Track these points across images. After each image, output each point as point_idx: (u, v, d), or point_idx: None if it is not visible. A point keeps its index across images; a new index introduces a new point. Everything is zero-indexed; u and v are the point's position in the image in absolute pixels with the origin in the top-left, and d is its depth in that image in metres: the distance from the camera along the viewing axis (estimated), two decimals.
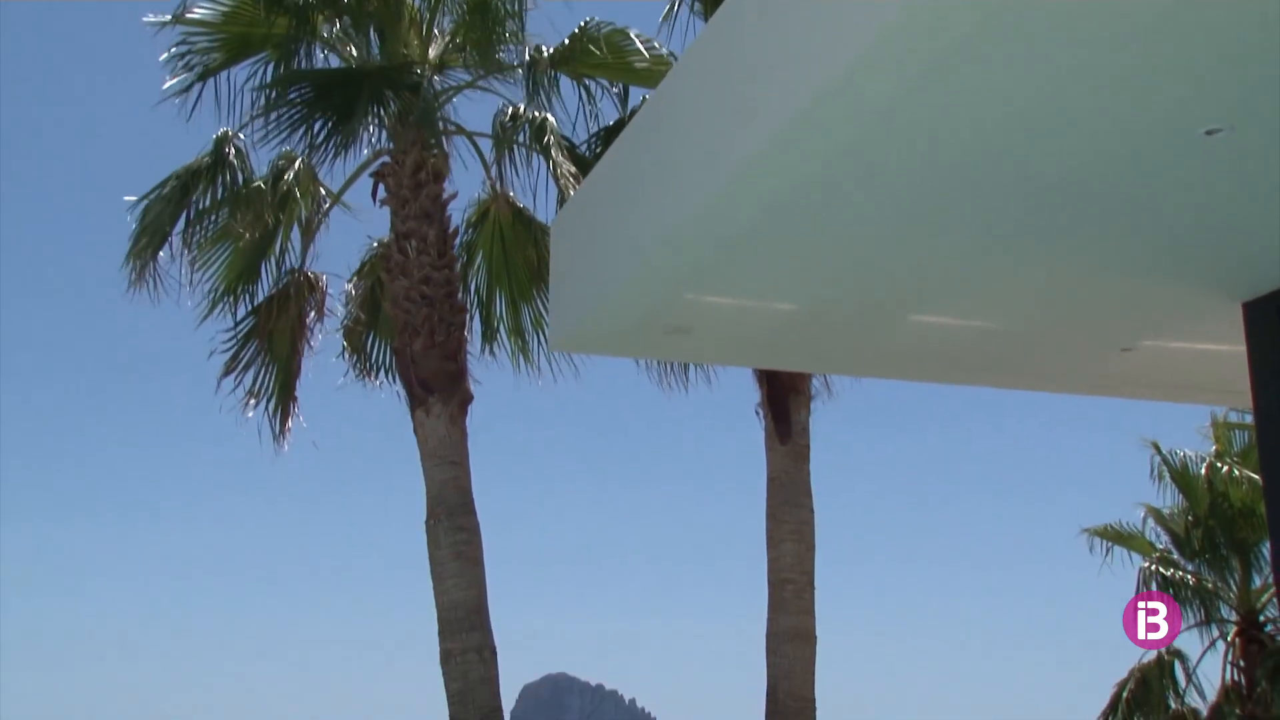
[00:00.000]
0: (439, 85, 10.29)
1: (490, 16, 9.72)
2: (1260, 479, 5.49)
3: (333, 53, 10.31)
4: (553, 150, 9.94)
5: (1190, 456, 13.82)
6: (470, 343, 10.42)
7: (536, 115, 10.16)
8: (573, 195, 7.73)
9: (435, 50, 10.32)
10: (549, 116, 10.12)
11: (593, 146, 10.44)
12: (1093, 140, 3.96)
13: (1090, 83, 3.60)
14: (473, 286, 11.11)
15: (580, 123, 10.41)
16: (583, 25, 10.14)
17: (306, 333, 10.86)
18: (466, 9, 10.07)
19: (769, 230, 4.75)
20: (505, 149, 10.27)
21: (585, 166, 9.83)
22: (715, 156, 4.47)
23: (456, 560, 9.48)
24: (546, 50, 10.07)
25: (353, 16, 10.15)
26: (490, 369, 11.11)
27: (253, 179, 10.40)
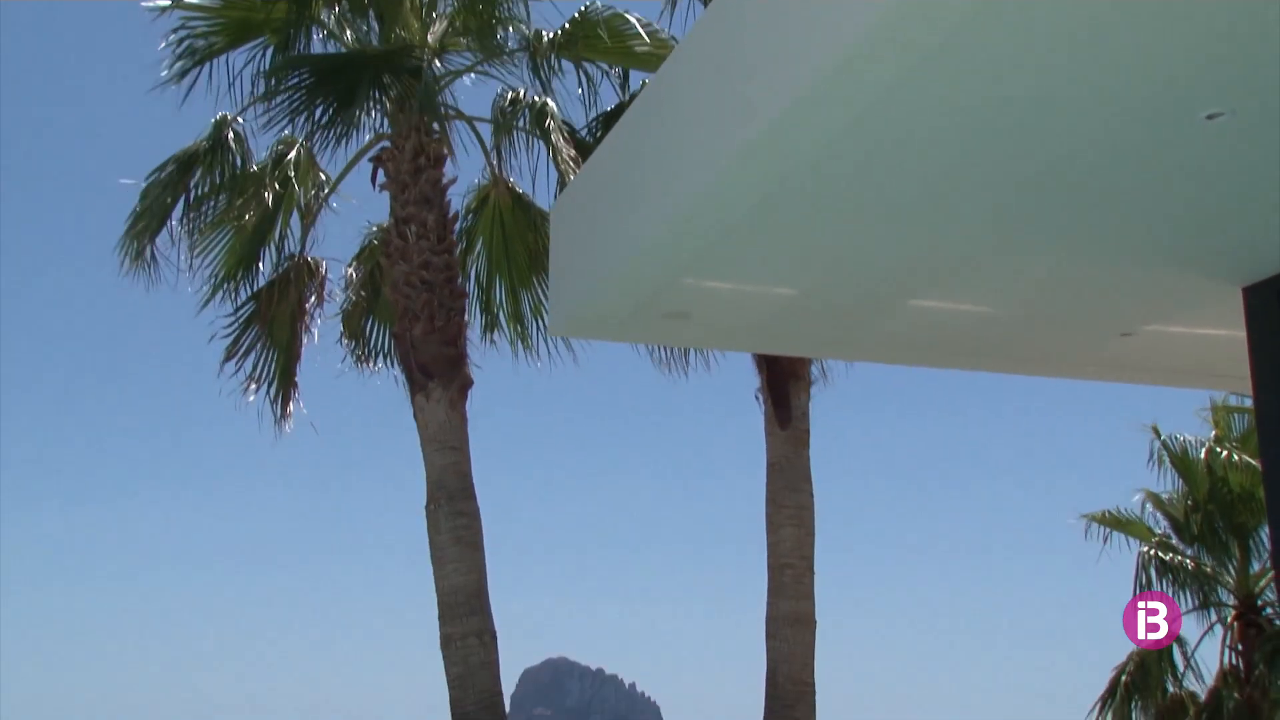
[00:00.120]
0: (439, 69, 10.27)
1: (490, 0, 9.70)
2: (1259, 464, 5.50)
3: (332, 37, 10.29)
4: (553, 135, 9.92)
5: (1190, 441, 13.83)
6: (470, 328, 10.43)
7: (537, 100, 10.14)
8: (573, 180, 7.71)
9: (435, 34, 10.29)
10: (549, 101, 10.10)
11: (593, 131, 10.42)
12: (1093, 125, 3.95)
13: (1090, 67, 3.59)
14: (473, 273, 11.11)
15: (581, 107, 10.40)
16: (583, 9, 10.11)
17: (306, 318, 10.86)
18: None
19: (768, 215, 4.75)
20: (505, 134, 10.25)
21: (586, 151, 9.82)
22: (715, 141, 4.47)
23: (456, 545, 9.50)
24: (547, 35, 10.05)
25: (351, 0, 10.13)
26: (490, 354, 11.12)
27: (251, 163, 10.40)
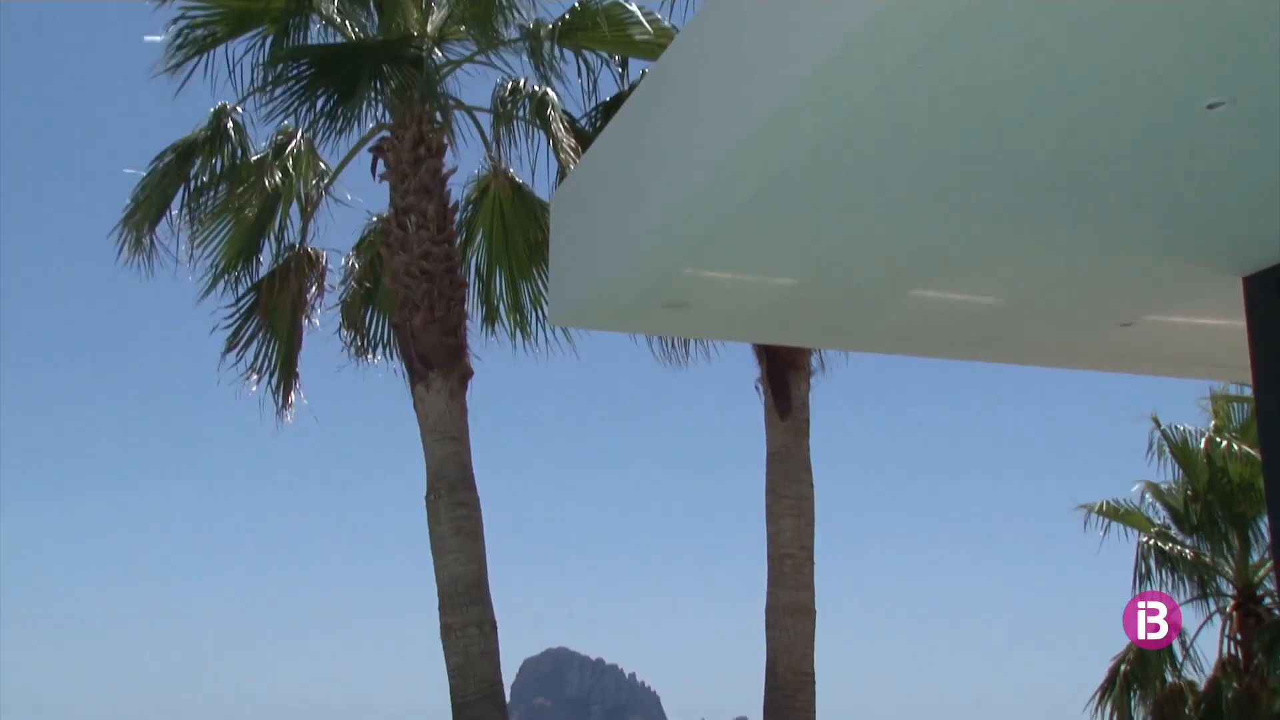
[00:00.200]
0: (439, 59, 10.24)
1: None
2: (1259, 453, 5.50)
3: (331, 26, 10.27)
4: (554, 125, 9.90)
5: (1190, 431, 13.84)
6: (470, 319, 10.42)
7: (537, 90, 10.12)
8: (573, 170, 7.71)
9: (434, 23, 10.27)
10: (549, 91, 10.08)
11: (593, 121, 10.40)
12: (1094, 115, 3.95)
13: (1091, 57, 3.59)
14: (473, 264, 11.10)
15: (581, 97, 10.37)
16: None
17: (307, 308, 10.85)
18: None
19: (768, 205, 4.75)
20: (505, 124, 10.23)
21: (586, 141, 9.80)
22: (715, 131, 4.47)
23: (457, 535, 9.51)
24: (547, 23, 10.02)
25: None
26: (490, 345, 11.12)
27: (251, 153, 10.38)
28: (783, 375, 10.28)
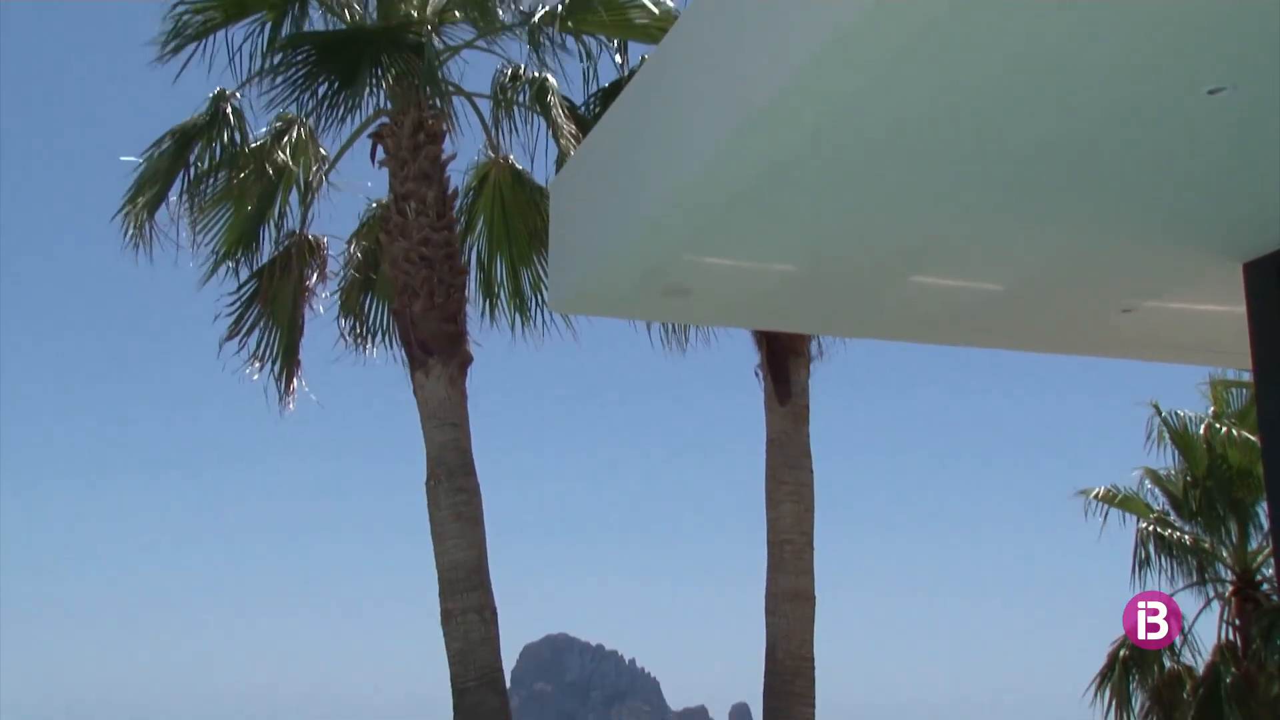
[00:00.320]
0: (438, 45, 10.22)
1: None
2: (1258, 440, 5.50)
3: (329, 12, 10.24)
4: (554, 111, 9.88)
5: (1190, 417, 13.84)
6: (471, 305, 10.42)
7: (537, 75, 10.09)
8: (572, 155, 7.69)
9: (433, 8, 10.24)
10: (549, 76, 10.06)
11: (592, 106, 10.38)
12: (1094, 100, 3.94)
13: (1092, 42, 3.58)
14: (473, 251, 11.09)
15: (580, 82, 10.35)
16: None
17: (309, 295, 10.85)
18: None
19: (769, 191, 4.74)
20: (505, 110, 10.21)
21: (586, 127, 9.78)
22: (715, 116, 4.46)
23: (457, 521, 9.52)
24: (546, 7, 9.98)
25: None
26: (490, 331, 11.12)
27: (250, 139, 10.36)
28: (782, 361, 10.28)
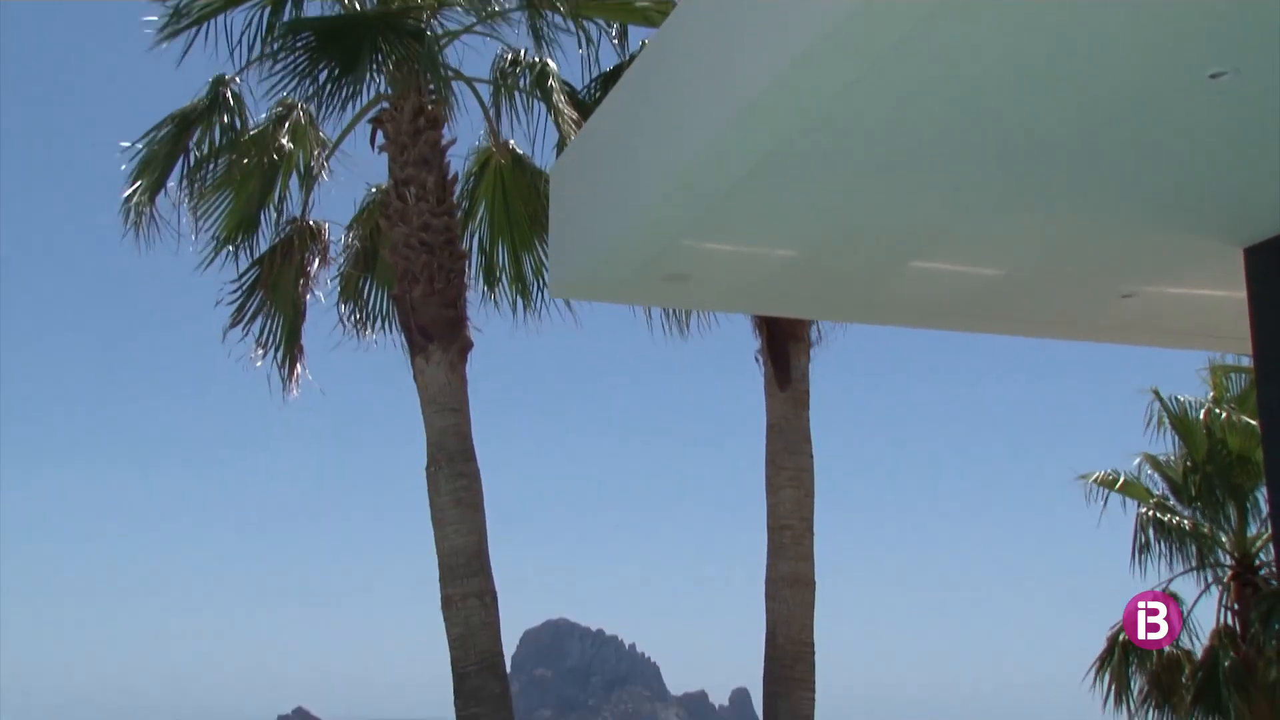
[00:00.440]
0: (437, 30, 10.17)
1: None
2: (1258, 424, 5.51)
3: None
4: (554, 96, 9.85)
5: (1190, 402, 13.84)
6: (472, 291, 10.40)
7: (537, 60, 10.06)
8: (572, 141, 7.68)
9: None
10: (549, 61, 10.02)
11: (592, 91, 10.35)
12: (1096, 84, 3.94)
13: (1095, 26, 3.57)
14: (475, 237, 11.07)
15: (581, 67, 10.32)
16: None
17: (310, 281, 10.83)
18: None
19: (768, 176, 4.74)
20: (506, 95, 10.18)
21: (587, 112, 9.75)
22: (715, 101, 4.45)
23: (457, 506, 9.52)
24: None
25: None
26: (490, 317, 11.10)
27: (249, 124, 10.33)
28: (783, 347, 10.27)
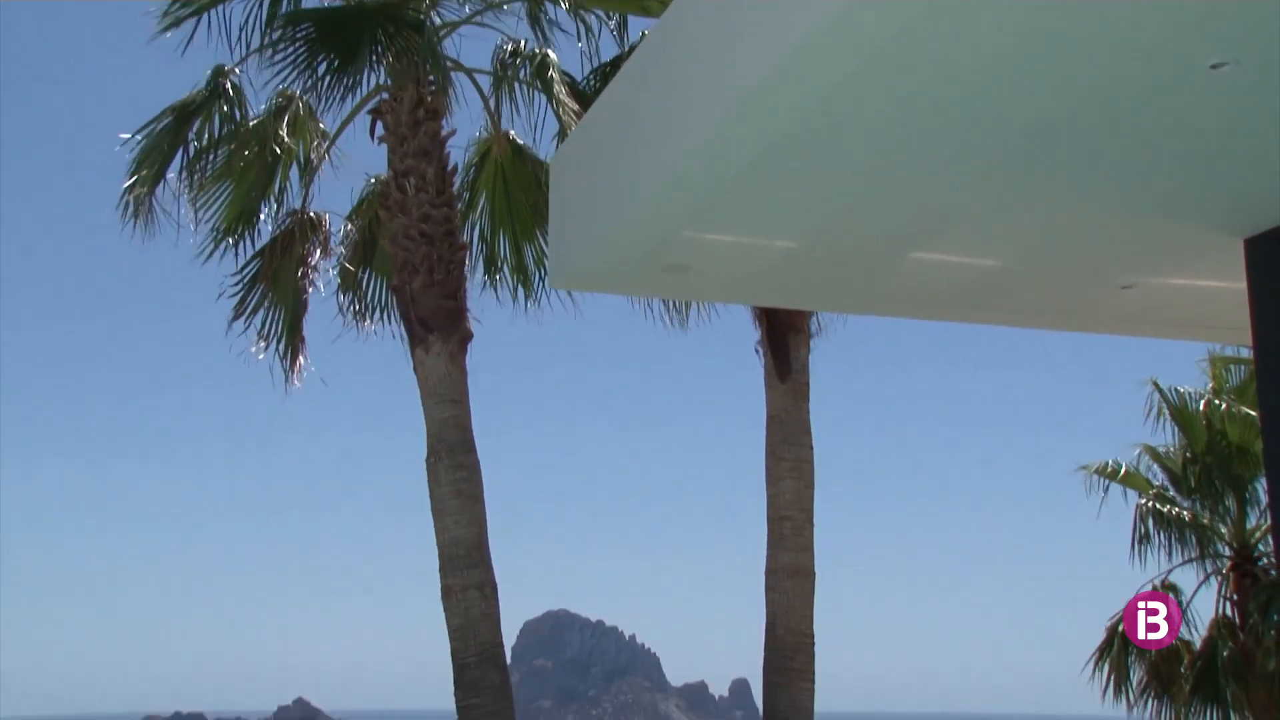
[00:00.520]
0: (437, 20, 10.16)
1: None
2: (1258, 415, 5.52)
3: None
4: (555, 86, 9.83)
5: (1189, 393, 13.85)
6: (473, 282, 10.40)
7: (537, 51, 10.04)
8: (572, 132, 7.68)
9: None
10: (549, 53, 10.01)
11: (592, 82, 10.34)
12: (1097, 75, 3.93)
13: (1095, 17, 3.57)
14: (476, 227, 11.06)
15: (580, 58, 10.31)
16: None
17: (311, 273, 10.82)
18: None
19: (768, 167, 4.73)
20: (506, 86, 10.16)
21: (587, 103, 9.74)
22: (715, 92, 4.45)
23: (457, 498, 9.52)
24: None
25: None
26: (490, 307, 11.10)
27: (249, 116, 10.32)
28: (782, 338, 10.27)
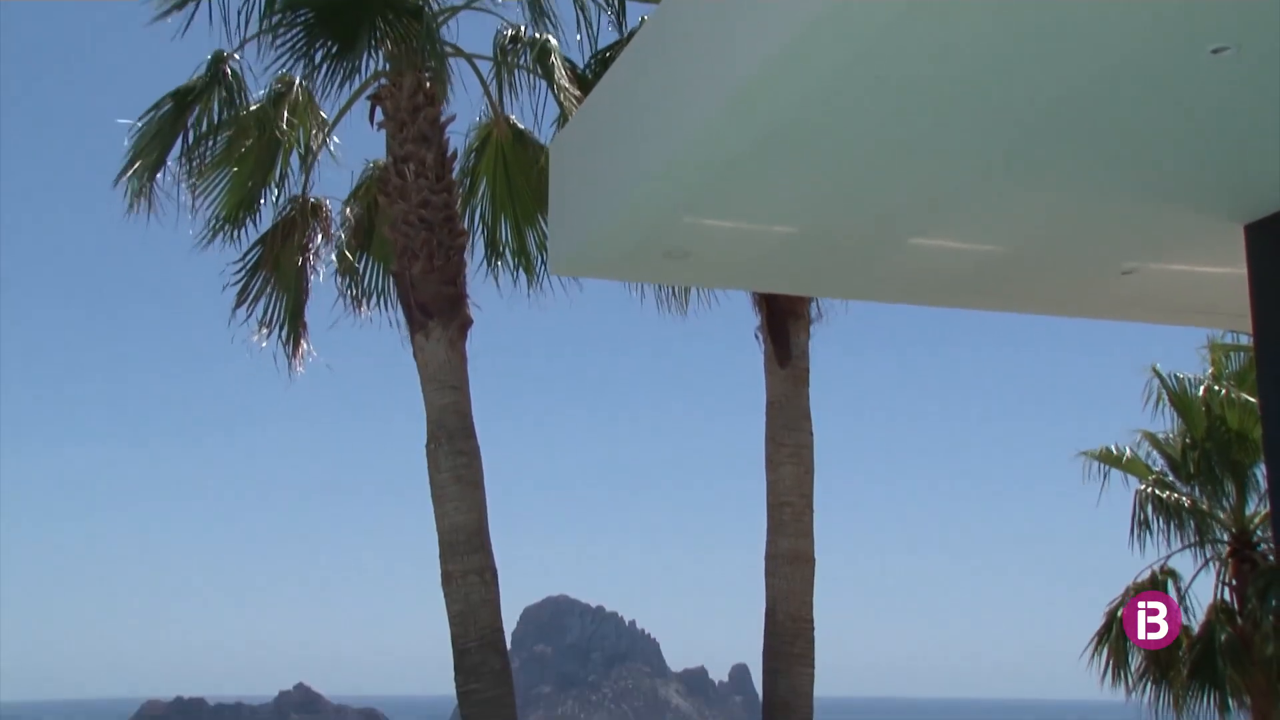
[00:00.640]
0: (436, 6, 10.14)
1: None
2: (1257, 402, 5.52)
3: None
4: (556, 72, 9.81)
5: (1189, 379, 13.85)
6: (473, 267, 10.40)
7: (539, 36, 10.02)
8: (571, 118, 7.66)
9: None
10: (550, 38, 9.99)
11: (593, 68, 10.32)
12: (1097, 59, 3.93)
13: (1096, 2, 3.56)
14: (477, 212, 11.05)
15: (581, 43, 10.29)
16: None
17: (313, 259, 10.82)
18: None
19: (768, 153, 4.73)
20: (507, 72, 10.15)
21: (588, 88, 9.73)
22: (714, 78, 4.44)
23: (457, 484, 9.53)
24: None
25: None
26: (490, 293, 11.09)
27: (249, 102, 10.30)
28: (782, 324, 10.27)
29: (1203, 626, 13.02)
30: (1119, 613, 13.37)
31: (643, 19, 9.64)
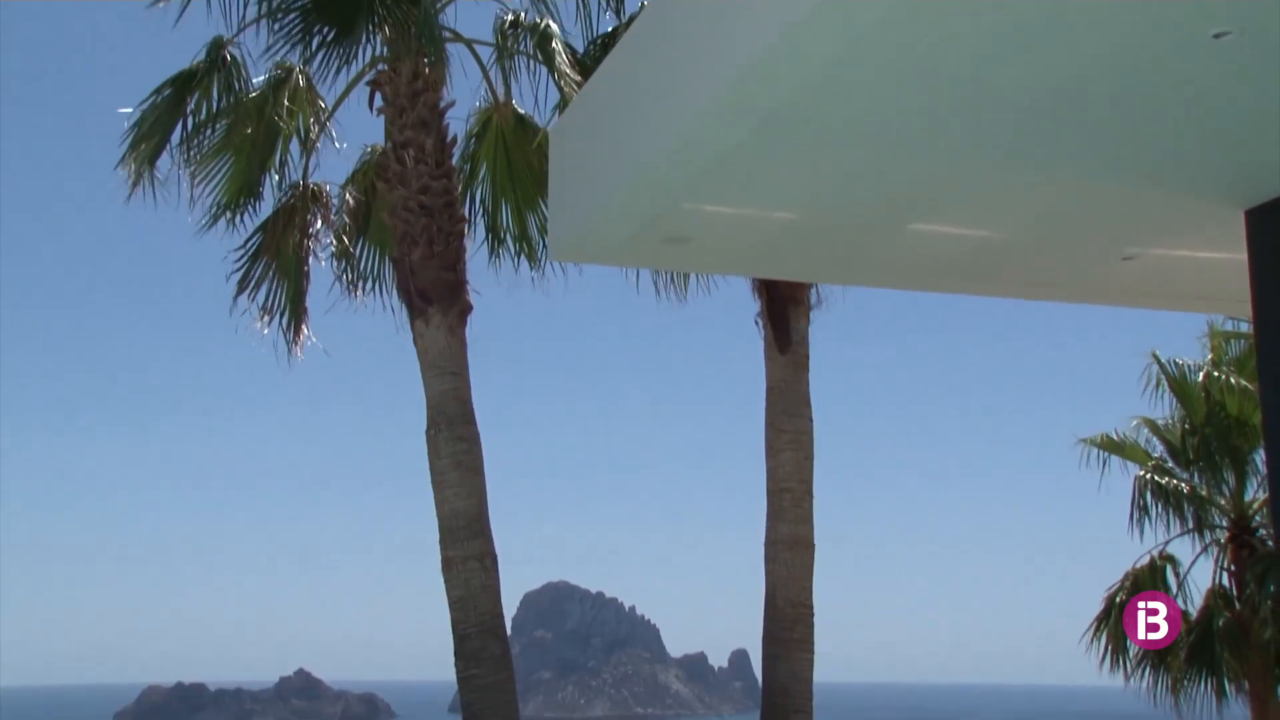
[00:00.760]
0: None
1: None
2: (1257, 388, 5.52)
3: None
4: (556, 58, 9.80)
5: (1188, 365, 13.86)
6: (476, 253, 10.41)
7: (539, 21, 10.01)
8: (571, 103, 7.65)
9: None
10: (551, 23, 9.97)
11: (593, 53, 10.31)
12: (1098, 44, 3.92)
13: None
14: (478, 197, 11.05)
15: (580, 29, 10.27)
16: None
17: (313, 245, 10.82)
18: None
19: (768, 138, 4.72)
20: (508, 57, 10.13)
21: (589, 74, 9.71)
22: (714, 64, 4.43)
23: (457, 470, 9.55)
24: None
25: None
26: (489, 279, 11.09)
27: (249, 88, 10.28)
28: (782, 310, 10.28)
29: (1201, 612, 13.06)
30: (1118, 598, 13.41)
31: (642, 4, 9.62)
